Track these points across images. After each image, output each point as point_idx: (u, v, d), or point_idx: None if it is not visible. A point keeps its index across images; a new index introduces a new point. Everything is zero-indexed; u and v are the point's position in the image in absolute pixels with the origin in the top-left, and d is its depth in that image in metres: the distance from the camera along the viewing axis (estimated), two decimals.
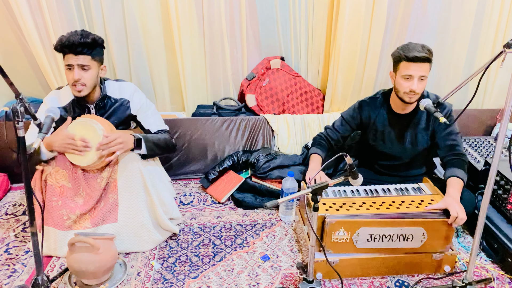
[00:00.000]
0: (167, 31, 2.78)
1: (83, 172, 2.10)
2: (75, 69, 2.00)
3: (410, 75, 1.98)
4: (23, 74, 2.84)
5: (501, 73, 3.10)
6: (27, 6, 2.50)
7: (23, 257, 2.13)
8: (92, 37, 2.01)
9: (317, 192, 1.61)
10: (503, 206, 2.16)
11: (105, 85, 2.19)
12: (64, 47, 1.97)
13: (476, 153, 2.64)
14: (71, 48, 1.97)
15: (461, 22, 2.92)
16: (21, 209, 2.53)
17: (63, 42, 1.97)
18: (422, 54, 1.94)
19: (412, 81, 1.99)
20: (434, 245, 1.95)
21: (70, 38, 1.96)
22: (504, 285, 1.96)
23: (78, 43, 1.96)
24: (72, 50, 1.98)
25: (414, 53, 1.95)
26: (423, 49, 1.96)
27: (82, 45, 1.98)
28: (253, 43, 2.98)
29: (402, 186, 2.18)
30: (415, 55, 1.94)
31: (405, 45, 2.02)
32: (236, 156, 2.78)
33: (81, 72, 2.01)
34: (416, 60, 1.95)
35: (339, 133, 2.34)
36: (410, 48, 1.98)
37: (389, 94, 2.22)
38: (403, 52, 1.98)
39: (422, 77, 1.99)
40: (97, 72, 2.09)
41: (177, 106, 3.08)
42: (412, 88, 1.99)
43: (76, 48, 1.97)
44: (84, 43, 1.98)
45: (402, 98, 2.07)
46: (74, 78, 2.00)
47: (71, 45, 1.96)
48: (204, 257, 2.15)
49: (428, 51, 1.97)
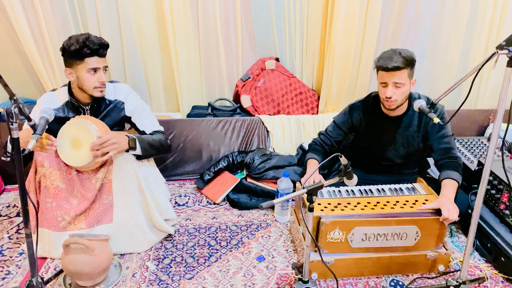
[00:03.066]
0: (161, 32, 2.78)
1: (78, 173, 2.09)
2: (101, 71, 2.03)
3: (384, 82, 2.04)
4: (17, 75, 2.82)
5: (494, 74, 3.13)
6: (20, 6, 2.49)
7: (17, 259, 2.11)
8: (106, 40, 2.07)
9: (312, 192, 1.62)
10: (496, 206, 2.18)
11: None
12: (91, 50, 1.97)
13: (470, 153, 2.66)
14: (97, 51, 1.99)
15: (454, 23, 2.95)
16: (15, 210, 2.51)
17: (90, 47, 1.96)
18: (393, 64, 1.96)
19: (386, 88, 2.04)
20: (427, 243, 1.96)
21: (95, 41, 1.98)
22: (498, 284, 1.98)
23: (102, 45, 2.01)
24: (98, 53, 2.00)
25: (385, 62, 1.98)
26: (398, 58, 1.97)
27: (104, 47, 2.03)
28: (248, 43, 2.99)
29: (396, 186, 2.20)
30: (386, 65, 1.98)
31: (383, 53, 2.06)
32: (231, 157, 2.78)
33: (102, 75, 2.05)
34: (387, 69, 1.99)
35: (332, 138, 2.36)
36: (384, 57, 2.01)
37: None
38: (377, 61, 2.04)
39: (397, 84, 2.02)
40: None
41: (172, 107, 3.08)
42: (386, 94, 2.04)
43: (102, 51, 2.02)
44: (104, 45, 2.03)
45: (383, 104, 2.13)
46: (103, 80, 2.04)
47: (98, 48, 1.99)
48: (200, 258, 2.15)
49: (403, 59, 1.97)
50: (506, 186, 2.11)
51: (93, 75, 2.03)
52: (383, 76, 2.03)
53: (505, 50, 1.42)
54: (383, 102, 2.12)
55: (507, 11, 2.90)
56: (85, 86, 2.05)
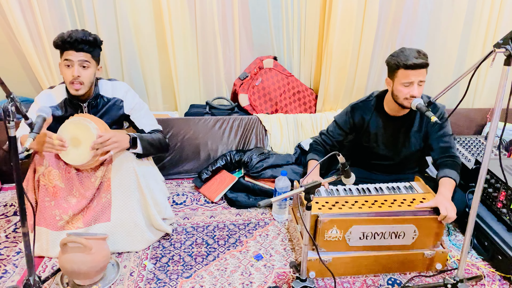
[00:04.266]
0: (159, 31, 2.77)
1: (77, 171, 2.09)
2: (75, 65, 1.99)
3: (410, 82, 1.97)
4: (14, 73, 2.81)
5: (491, 73, 3.13)
6: (17, 4, 2.48)
7: (15, 258, 2.11)
8: (94, 36, 2.03)
9: (310, 191, 1.62)
10: (493, 204, 2.18)
11: (98, 84, 2.17)
12: (65, 42, 1.97)
13: (467, 152, 2.67)
14: (73, 44, 1.97)
15: (452, 21, 2.95)
16: (12, 209, 2.51)
17: (65, 38, 1.96)
18: (420, 61, 1.93)
19: (412, 87, 1.98)
20: (425, 242, 1.97)
21: (73, 34, 1.96)
22: (495, 282, 1.98)
23: (80, 40, 1.97)
24: (74, 47, 1.97)
25: (412, 60, 1.93)
26: (420, 55, 1.94)
27: (84, 42, 1.98)
28: (245, 42, 2.99)
29: (394, 184, 2.20)
30: (413, 62, 1.92)
31: (400, 52, 2.00)
32: (229, 156, 2.78)
33: (80, 70, 2.01)
34: (415, 67, 1.94)
35: (333, 138, 2.34)
36: (406, 55, 1.95)
37: (382, 96, 2.21)
38: (401, 60, 1.96)
39: (421, 82, 1.99)
40: (94, 72, 2.08)
41: (170, 106, 3.07)
42: (412, 93, 1.98)
43: (78, 45, 1.97)
44: (86, 40, 1.99)
45: (402, 104, 2.05)
46: (74, 74, 1.99)
47: (74, 41, 1.96)
48: (197, 256, 2.15)
49: (424, 56, 1.95)
50: (503, 185, 2.11)
51: (68, 69, 2.01)
52: (408, 75, 1.96)
53: (502, 49, 1.42)
54: (403, 103, 2.03)
55: (505, 9, 2.91)
56: (64, 80, 2.06)
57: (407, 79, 1.97)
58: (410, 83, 1.98)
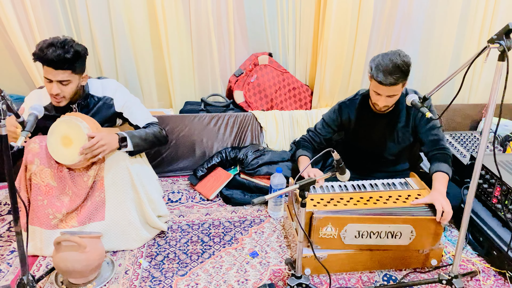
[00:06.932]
0: (153, 28, 2.75)
1: (69, 170, 2.07)
2: (54, 84, 1.92)
3: (379, 93, 2.01)
4: (6, 71, 2.78)
5: (486, 69, 3.14)
6: (9, 1, 2.45)
7: (8, 257, 2.10)
8: (75, 51, 1.89)
9: (305, 188, 1.61)
10: (488, 200, 2.18)
11: (88, 83, 2.14)
12: (43, 60, 1.86)
13: (462, 147, 2.67)
14: (50, 63, 1.86)
15: (447, 17, 2.95)
16: (6, 208, 2.49)
17: (41, 56, 1.85)
18: (389, 81, 1.92)
19: (380, 98, 2.02)
20: (422, 242, 1.95)
21: (49, 54, 1.83)
22: (490, 278, 1.99)
23: (57, 60, 1.84)
24: (51, 65, 1.87)
25: (381, 78, 1.92)
26: (394, 73, 1.91)
27: (63, 61, 1.86)
28: (240, 39, 2.97)
29: (389, 181, 2.20)
30: (382, 81, 1.93)
31: (380, 59, 1.96)
32: (225, 153, 2.77)
33: (61, 87, 1.94)
34: (385, 84, 1.94)
35: (321, 135, 2.35)
36: (381, 69, 1.93)
37: (368, 95, 2.21)
38: (375, 72, 1.95)
39: (391, 95, 2.00)
40: (77, 84, 2.01)
41: (165, 103, 3.06)
42: (377, 103, 2.05)
43: (56, 64, 1.86)
44: (64, 59, 1.86)
45: (373, 106, 2.15)
46: (52, 92, 1.94)
47: (50, 61, 1.85)
48: (193, 254, 2.14)
49: (402, 73, 1.92)
50: (498, 180, 2.11)
51: (49, 84, 1.94)
52: (378, 87, 1.98)
53: (496, 44, 1.42)
54: (373, 106, 2.13)
55: (500, 5, 2.91)
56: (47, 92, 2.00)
57: (377, 90, 2.01)
58: (379, 94, 2.01)
